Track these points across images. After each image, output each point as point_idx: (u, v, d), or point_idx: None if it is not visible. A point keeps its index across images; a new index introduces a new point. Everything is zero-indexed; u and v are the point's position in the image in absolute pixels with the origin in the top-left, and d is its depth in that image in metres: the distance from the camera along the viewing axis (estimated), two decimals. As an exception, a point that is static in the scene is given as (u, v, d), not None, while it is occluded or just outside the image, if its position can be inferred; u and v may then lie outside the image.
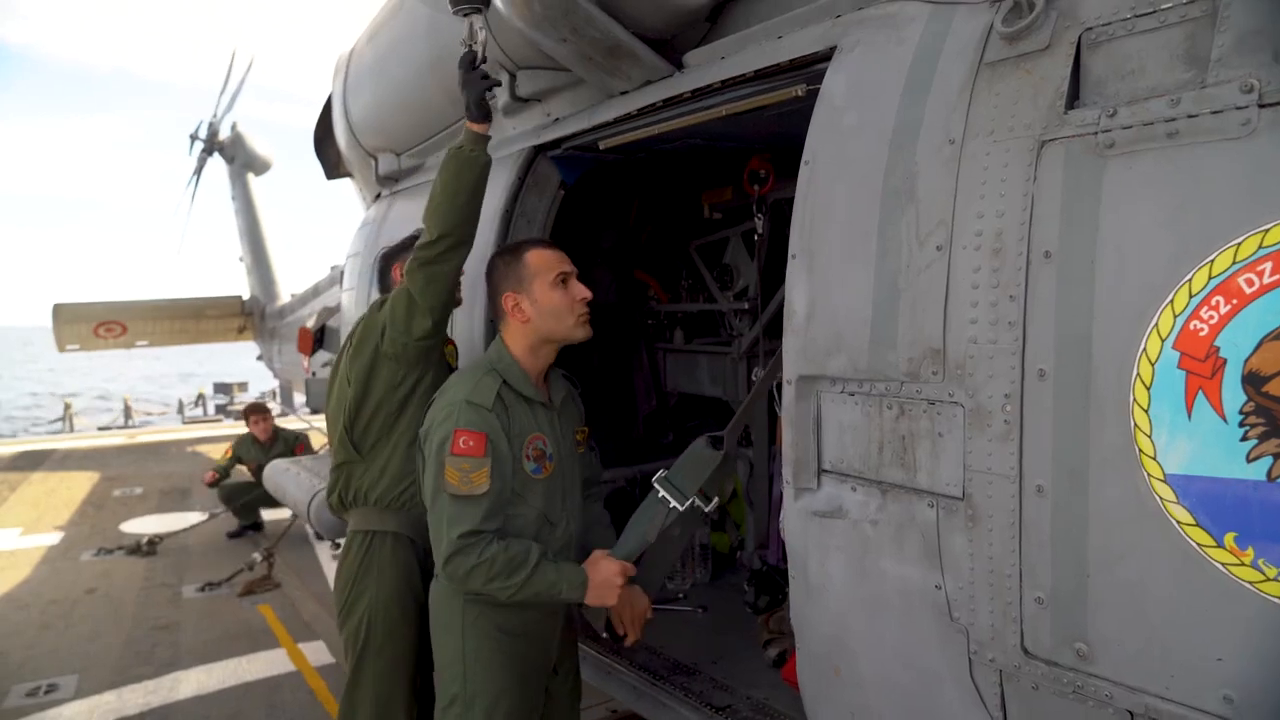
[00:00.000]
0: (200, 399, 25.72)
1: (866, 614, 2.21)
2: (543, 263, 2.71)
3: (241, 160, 16.95)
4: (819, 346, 2.24)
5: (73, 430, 20.73)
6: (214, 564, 7.94)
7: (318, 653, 5.99)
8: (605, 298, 5.06)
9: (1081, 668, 1.76)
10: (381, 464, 3.08)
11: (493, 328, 3.80)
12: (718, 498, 2.80)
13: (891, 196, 2.06)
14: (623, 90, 3.32)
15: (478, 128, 2.92)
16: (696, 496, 2.70)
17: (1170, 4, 1.63)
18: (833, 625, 2.32)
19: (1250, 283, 1.48)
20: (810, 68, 2.50)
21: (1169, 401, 1.58)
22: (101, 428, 20.88)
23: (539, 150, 3.88)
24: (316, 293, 11.84)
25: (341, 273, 6.35)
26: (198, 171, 17.42)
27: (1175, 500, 1.58)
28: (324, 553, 8.26)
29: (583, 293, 2.72)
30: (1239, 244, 1.49)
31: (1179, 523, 1.57)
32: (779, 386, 2.61)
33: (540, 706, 2.77)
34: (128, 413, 23.42)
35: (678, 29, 3.08)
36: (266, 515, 9.55)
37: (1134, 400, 1.62)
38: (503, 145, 4.19)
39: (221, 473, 9.46)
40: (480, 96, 2.91)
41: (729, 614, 4.20)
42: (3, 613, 6.83)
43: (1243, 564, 1.51)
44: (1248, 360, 1.48)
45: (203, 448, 14.67)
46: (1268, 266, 1.46)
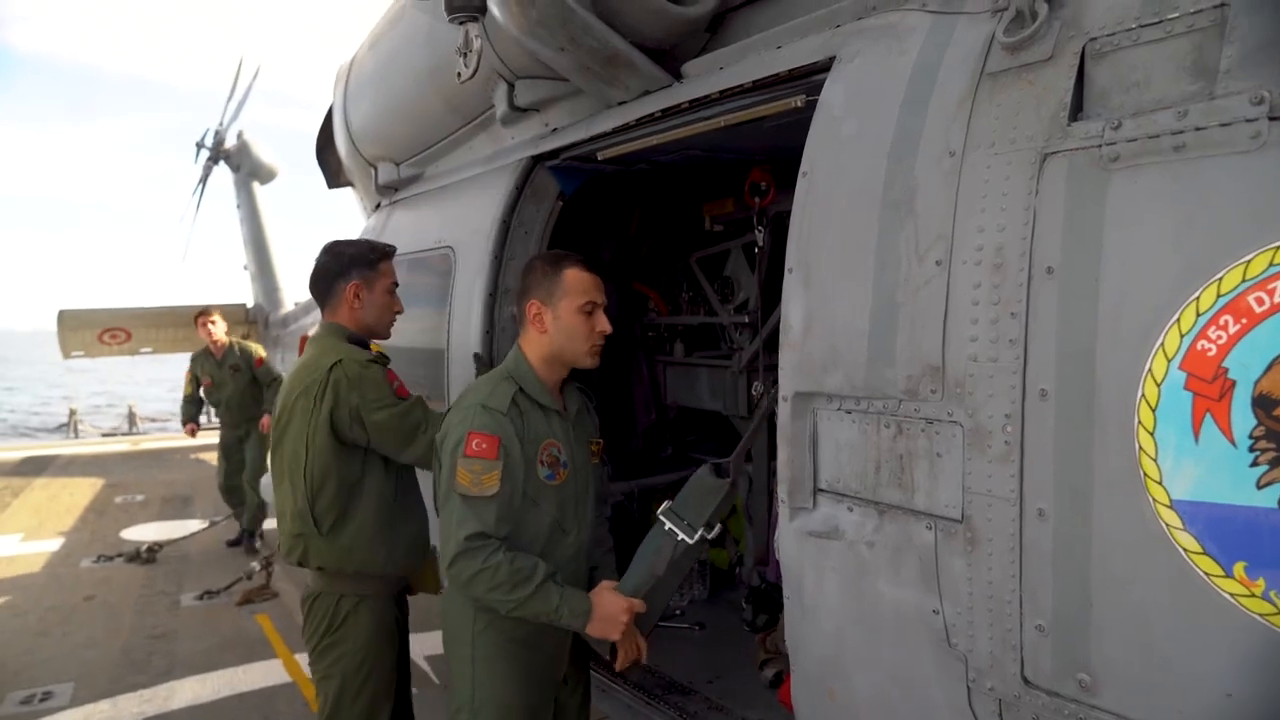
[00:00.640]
0: (203, 406, 25.72)
1: (862, 637, 2.15)
2: (577, 285, 2.67)
3: (247, 169, 16.96)
4: (815, 362, 2.19)
5: (77, 436, 20.74)
6: (213, 572, 7.88)
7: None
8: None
9: (1084, 699, 1.70)
10: (348, 541, 3.04)
11: (490, 337, 3.79)
12: (720, 524, 2.76)
13: (890, 209, 2.02)
14: (621, 100, 3.29)
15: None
16: (703, 528, 2.66)
17: (1177, 14, 1.58)
18: (828, 648, 2.26)
19: (1260, 301, 1.42)
20: (809, 78, 2.47)
21: (1175, 424, 1.52)
22: (105, 434, 20.88)
23: (537, 160, 3.85)
24: (319, 301, 11.82)
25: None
26: (203, 180, 17.43)
27: (1182, 527, 1.52)
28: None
29: (604, 327, 2.71)
30: (1249, 261, 1.44)
31: (1186, 550, 1.52)
32: (774, 401, 2.56)
33: (549, 718, 2.75)
34: (132, 419, 23.44)
35: (676, 39, 3.04)
36: (264, 524, 9.50)
37: (1139, 422, 1.57)
38: (500, 155, 4.17)
39: (190, 412, 8.98)
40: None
41: (726, 632, 4.15)
42: (0, 619, 6.79)
43: (1253, 595, 1.45)
44: (1258, 382, 1.43)
45: (206, 455, 14.63)
46: (1279, 285, 1.41)
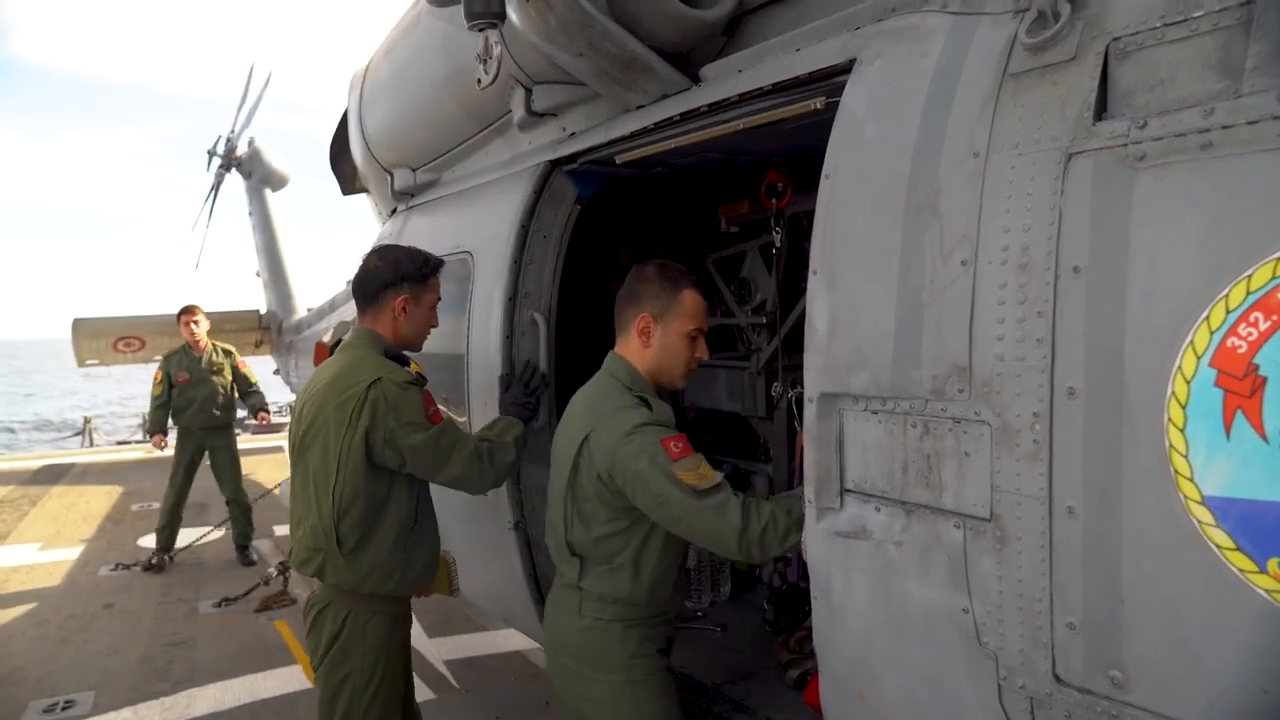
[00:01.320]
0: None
1: (891, 637, 2.16)
2: (694, 309, 2.71)
3: (259, 176, 17.02)
4: (841, 363, 2.19)
5: (92, 444, 20.84)
6: (230, 579, 7.93)
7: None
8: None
9: (1116, 696, 1.70)
10: (367, 564, 3.03)
11: (509, 342, 3.80)
12: None
13: (914, 211, 2.02)
14: (639, 104, 3.30)
15: None
16: None
17: (1202, 12, 1.58)
18: (856, 648, 2.27)
19: (1291, 298, 1.43)
20: (829, 80, 2.47)
21: (1206, 421, 1.53)
22: (120, 441, 20.95)
23: (555, 165, 3.86)
24: (333, 307, 11.86)
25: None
26: (215, 188, 17.50)
27: (1214, 523, 1.52)
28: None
29: (703, 354, 2.76)
30: (1278, 258, 1.44)
31: (1219, 546, 1.52)
32: (799, 402, 2.57)
33: None
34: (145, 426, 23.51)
35: (694, 42, 3.06)
36: (280, 530, 9.54)
37: (1169, 419, 1.57)
38: (518, 160, 4.18)
39: (159, 419, 8.65)
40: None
41: (748, 633, 4.15)
42: (21, 628, 6.84)
43: (1287, 590, 1.45)
44: (1290, 379, 1.43)
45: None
46: (1309, 282, 1.41)
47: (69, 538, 9.57)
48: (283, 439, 17.80)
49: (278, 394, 24.24)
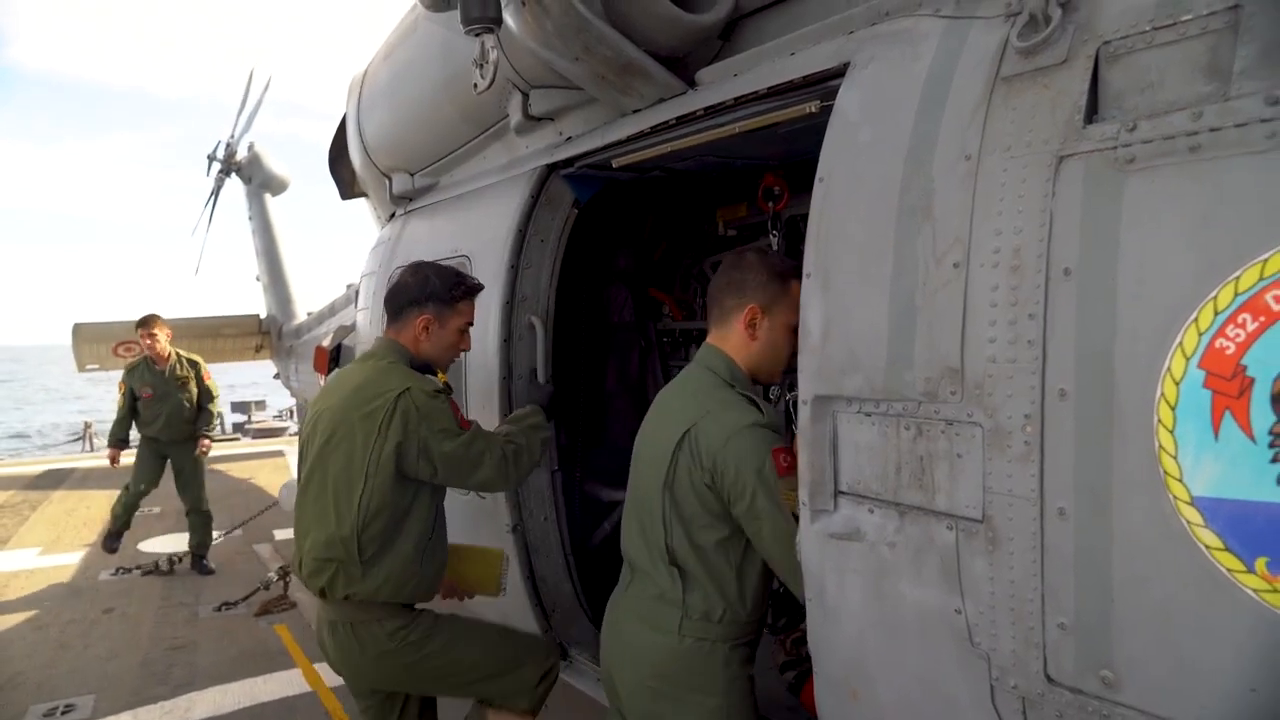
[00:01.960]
0: (218, 418, 25.82)
1: (885, 638, 2.16)
2: (799, 301, 2.44)
3: (259, 181, 17.05)
4: (834, 366, 2.20)
5: (93, 449, 20.85)
6: (230, 584, 7.94)
7: (333, 673, 5.96)
8: (620, 317, 5.04)
9: (1108, 696, 1.71)
10: (384, 574, 3.00)
11: (507, 346, 3.81)
12: None
13: (907, 213, 2.03)
14: (635, 108, 3.31)
15: None
16: None
17: (1191, 16, 1.59)
18: (850, 649, 2.28)
19: (1278, 299, 1.44)
20: (824, 84, 2.49)
21: (1195, 422, 1.53)
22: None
23: (552, 169, 3.87)
24: (333, 311, 11.87)
25: (356, 292, 6.36)
26: (215, 193, 17.53)
27: (1203, 523, 1.53)
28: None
29: (794, 347, 2.53)
30: (1266, 259, 1.45)
31: (1207, 547, 1.53)
32: (794, 404, 2.58)
33: None
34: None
35: (690, 46, 3.07)
36: (280, 534, 9.54)
37: (1158, 420, 1.58)
38: (515, 164, 4.19)
39: (120, 433, 8.43)
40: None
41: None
42: (22, 632, 6.85)
43: (1275, 590, 1.46)
44: (1277, 379, 1.44)
45: (221, 466, 14.70)
46: (1296, 283, 1.42)
47: (69, 543, 9.58)
48: (283, 444, 17.84)
49: (278, 398, 24.33)
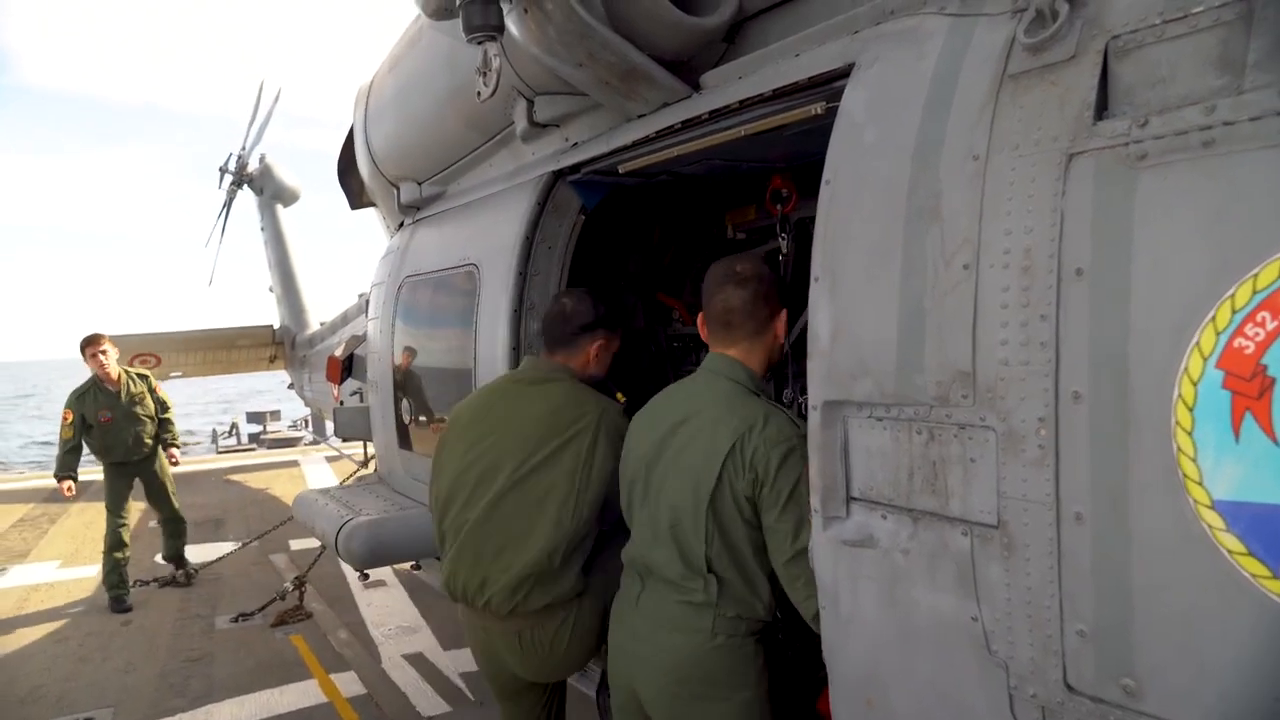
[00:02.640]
0: (233, 428, 25.97)
1: (900, 646, 2.13)
2: None
3: (270, 192, 17.17)
4: (844, 370, 2.17)
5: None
6: (247, 595, 7.95)
7: (350, 684, 5.97)
8: (630, 322, 5.02)
9: (1129, 705, 1.67)
10: (573, 577, 3.03)
11: (516, 354, 3.80)
12: None
13: (915, 215, 2.00)
14: (640, 113, 3.30)
15: None
16: None
17: (1202, 8, 1.56)
18: (865, 657, 2.24)
19: (1298, 297, 1.40)
20: (829, 85, 2.46)
21: (1214, 423, 1.50)
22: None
23: (558, 175, 3.86)
24: (345, 321, 11.92)
25: (367, 301, 6.37)
26: (227, 205, 17.66)
27: (1225, 528, 1.49)
28: (355, 581, 8.26)
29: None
30: (1284, 256, 1.41)
31: (1229, 551, 1.49)
32: (802, 408, 2.55)
33: None
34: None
35: (694, 50, 3.05)
36: (296, 545, 9.56)
37: (1176, 422, 1.55)
38: (522, 171, 4.19)
39: (69, 463, 7.87)
40: None
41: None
42: (42, 646, 6.88)
43: (1300, 595, 1.42)
44: (1298, 379, 1.40)
45: (238, 476, 14.78)
46: (1316, 280, 1.38)
47: (88, 555, 9.62)
48: (298, 454, 17.89)
49: (291, 407, 24.42)
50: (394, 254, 5.59)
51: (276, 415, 26.12)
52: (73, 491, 7.98)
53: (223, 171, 17.54)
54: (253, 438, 24.66)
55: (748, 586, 2.55)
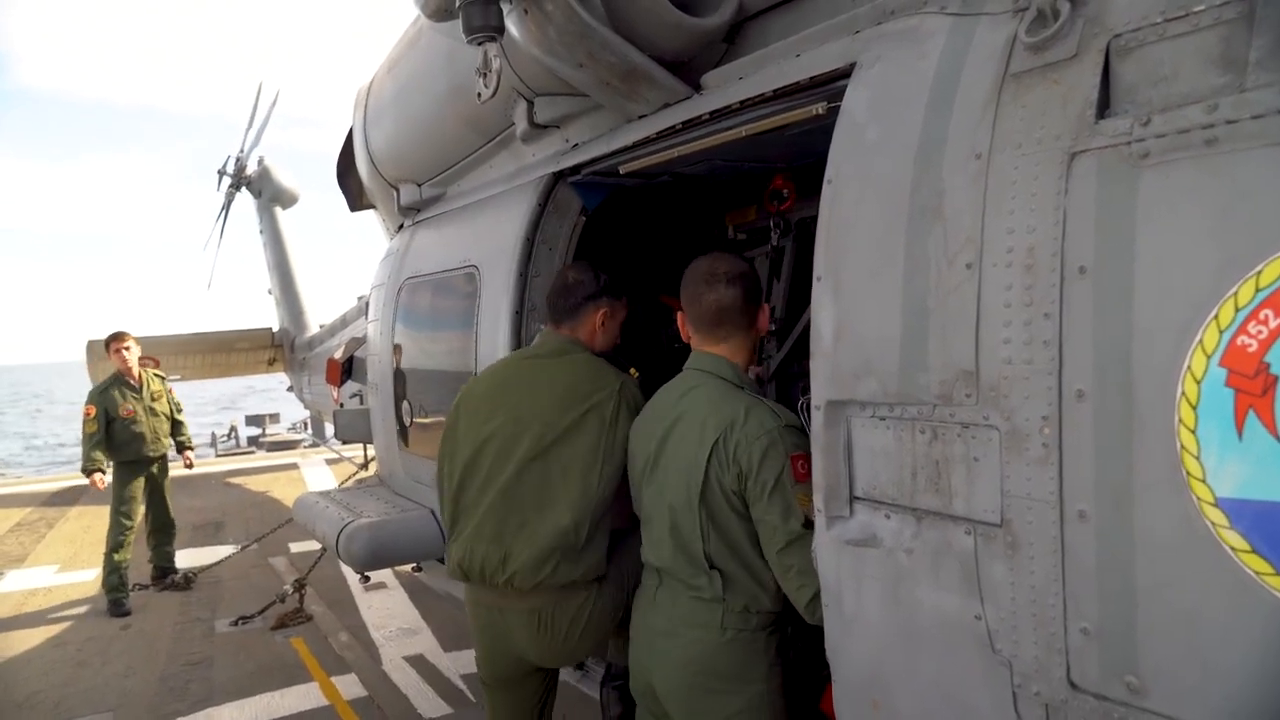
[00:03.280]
0: (233, 431, 25.92)
1: (904, 645, 2.13)
2: None
3: (269, 194, 17.14)
4: (847, 370, 2.17)
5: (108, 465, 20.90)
6: (247, 597, 7.95)
7: (351, 686, 5.97)
8: (630, 323, 5.01)
9: (1134, 702, 1.67)
10: (595, 556, 3.03)
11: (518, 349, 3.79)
12: None
13: (918, 214, 2.00)
14: (641, 114, 3.30)
15: None
16: None
17: (1203, 6, 1.56)
18: (869, 657, 2.24)
19: (1301, 295, 1.40)
20: (830, 85, 2.46)
21: (1217, 421, 1.50)
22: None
23: (559, 176, 3.86)
24: (345, 323, 11.90)
25: (367, 304, 6.37)
26: (226, 208, 17.63)
27: (1228, 525, 1.49)
28: (355, 583, 8.25)
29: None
30: (1287, 254, 1.41)
31: (1233, 549, 1.49)
32: (807, 409, 2.55)
33: None
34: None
35: (695, 51, 3.05)
36: (296, 548, 9.54)
37: (1179, 420, 1.55)
38: (522, 172, 4.19)
39: (97, 459, 7.99)
40: None
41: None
42: (40, 651, 6.87)
43: (1305, 592, 1.42)
44: (1302, 377, 1.41)
45: (237, 479, 14.76)
46: (1319, 277, 1.38)
47: (86, 559, 9.60)
48: (297, 456, 17.88)
49: (290, 409, 24.37)
50: (394, 256, 5.58)
51: (276, 418, 26.06)
52: (104, 484, 8.12)
53: (221, 174, 17.52)
54: (252, 440, 24.60)
55: (751, 578, 2.59)
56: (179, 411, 8.65)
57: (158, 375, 8.61)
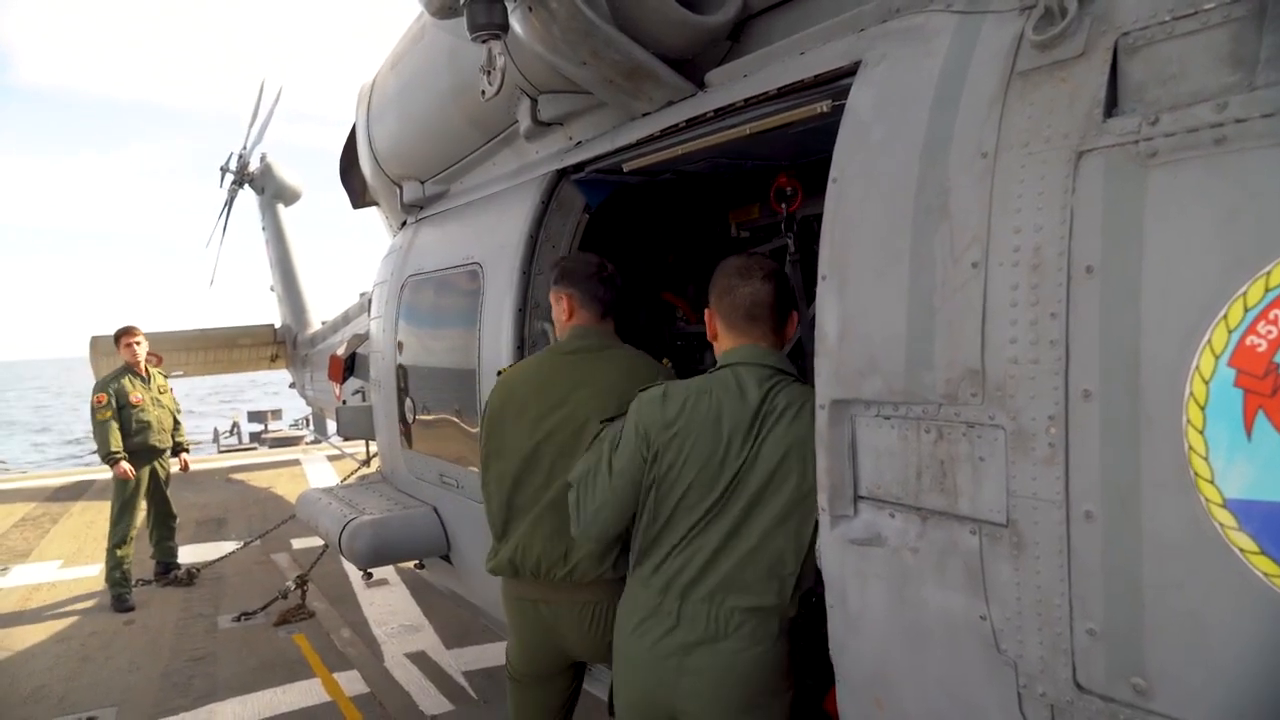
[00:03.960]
0: (234, 427, 25.96)
1: (908, 645, 2.12)
2: None
3: (271, 191, 17.13)
4: (852, 369, 2.17)
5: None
6: (249, 593, 7.95)
7: (352, 682, 5.96)
8: (634, 321, 5.01)
9: (1140, 704, 1.66)
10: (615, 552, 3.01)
11: (520, 353, 3.79)
12: None
13: (924, 213, 2.00)
14: (645, 112, 3.29)
15: None
16: None
17: (1213, 4, 1.55)
18: (874, 656, 2.24)
19: (1312, 295, 1.39)
20: (835, 83, 2.45)
21: (1226, 421, 1.49)
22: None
23: (562, 174, 3.86)
24: (347, 320, 11.91)
25: (370, 300, 6.37)
26: (228, 204, 17.62)
27: (1237, 526, 1.49)
28: (357, 580, 8.26)
29: None
30: (1296, 254, 1.41)
31: (1242, 550, 1.48)
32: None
33: None
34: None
35: (699, 48, 3.04)
36: (298, 544, 9.55)
37: (1187, 421, 1.54)
38: (525, 170, 4.18)
39: (120, 445, 7.90)
40: None
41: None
42: (44, 645, 6.88)
43: (1314, 595, 1.41)
44: (1312, 377, 1.40)
45: (240, 475, 14.77)
46: (1329, 277, 1.38)
47: (90, 555, 9.60)
48: (299, 452, 17.90)
49: (293, 404, 24.42)
50: (397, 253, 5.58)
51: (278, 414, 26.11)
52: (131, 473, 7.96)
53: (224, 171, 17.51)
54: (254, 437, 24.65)
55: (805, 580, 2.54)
56: (178, 412, 8.74)
57: (160, 373, 8.73)
